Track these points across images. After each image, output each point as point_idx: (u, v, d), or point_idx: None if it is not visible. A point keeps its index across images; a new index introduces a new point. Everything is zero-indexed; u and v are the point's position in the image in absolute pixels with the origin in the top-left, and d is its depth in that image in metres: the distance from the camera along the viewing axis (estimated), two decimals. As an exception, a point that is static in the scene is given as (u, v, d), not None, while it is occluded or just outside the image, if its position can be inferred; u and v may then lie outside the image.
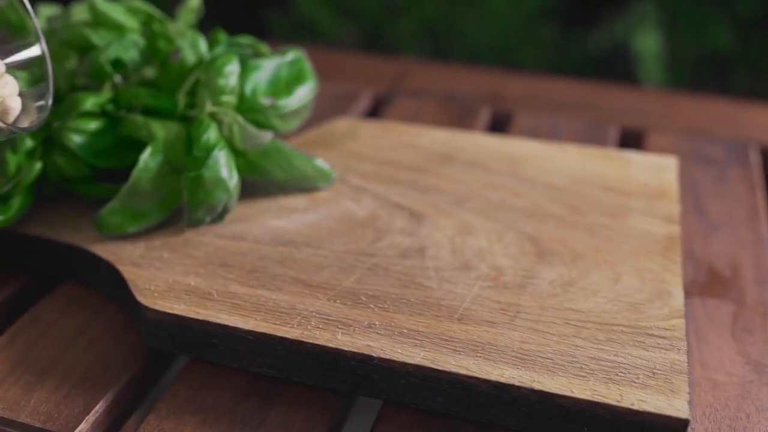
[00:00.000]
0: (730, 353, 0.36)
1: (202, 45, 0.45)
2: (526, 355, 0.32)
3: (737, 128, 0.58)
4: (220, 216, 0.40)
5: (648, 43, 1.10)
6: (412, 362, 0.31)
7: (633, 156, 0.47)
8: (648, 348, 0.32)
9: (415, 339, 0.33)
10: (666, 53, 1.10)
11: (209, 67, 0.41)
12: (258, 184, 0.43)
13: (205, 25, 0.49)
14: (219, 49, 0.45)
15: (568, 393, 0.30)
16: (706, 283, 0.41)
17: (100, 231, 0.39)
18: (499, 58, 1.11)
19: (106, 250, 0.38)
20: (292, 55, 0.46)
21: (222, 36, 0.47)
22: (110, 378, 0.35)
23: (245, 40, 0.47)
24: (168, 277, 0.36)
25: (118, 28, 0.44)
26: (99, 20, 0.44)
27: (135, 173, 0.39)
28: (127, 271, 0.37)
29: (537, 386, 0.30)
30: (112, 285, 0.38)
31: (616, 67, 1.13)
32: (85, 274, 0.40)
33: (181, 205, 0.40)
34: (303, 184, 0.43)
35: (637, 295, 0.35)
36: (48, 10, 0.48)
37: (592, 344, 0.32)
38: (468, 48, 1.12)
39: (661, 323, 0.34)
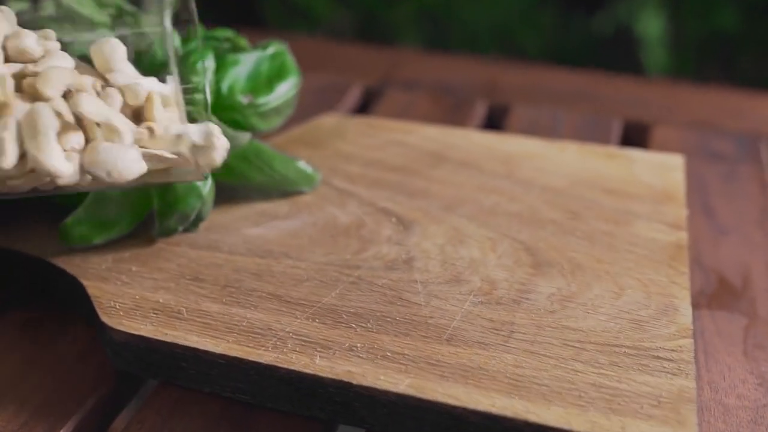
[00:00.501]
0: (741, 373, 0.33)
1: (175, 39, 0.42)
2: (519, 381, 0.29)
3: (747, 120, 0.55)
4: (193, 224, 0.38)
5: (651, 26, 1.07)
6: (395, 391, 0.29)
7: (637, 154, 0.44)
8: (653, 373, 0.30)
9: (400, 363, 0.30)
10: (670, 36, 1.07)
11: (181, 63, 0.38)
12: (236, 188, 0.40)
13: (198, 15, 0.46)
14: (193, 44, 0.42)
15: (565, 425, 0.27)
16: (715, 293, 0.38)
17: (65, 243, 0.36)
18: (499, 44, 1.08)
19: (69, 263, 0.36)
20: (273, 48, 0.43)
21: (200, 30, 0.44)
22: (73, 404, 0.32)
23: (223, 33, 0.44)
24: (135, 292, 0.34)
25: (85, 24, 0.41)
26: (65, 15, 0.41)
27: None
28: (92, 287, 0.34)
29: (532, 418, 0.28)
30: (76, 300, 0.35)
31: (618, 51, 1.09)
32: (48, 287, 0.37)
33: (153, 213, 0.38)
34: (284, 188, 0.40)
35: (641, 311, 0.33)
36: (17, 5, 0.46)
37: (593, 368, 0.30)
38: (467, 34, 1.08)
39: (667, 344, 0.31)
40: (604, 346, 0.31)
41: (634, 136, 0.54)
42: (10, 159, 0.29)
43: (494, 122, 0.56)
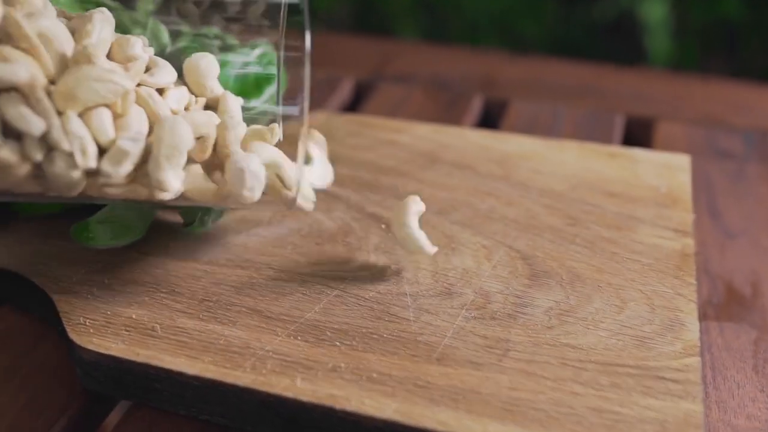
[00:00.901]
0: (751, 390, 0.31)
1: (164, 36, 0.39)
2: (515, 405, 0.27)
3: (756, 116, 0.53)
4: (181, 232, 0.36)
5: (655, 11, 1.04)
6: (381, 416, 0.27)
7: (640, 154, 0.42)
8: (657, 395, 0.28)
9: (387, 386, 0.28)
10: (673, 23, 1.04)
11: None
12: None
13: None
14: (182, 41, 0.40)
15: (563, 456, 0.26)
16: (723, 303, 0.36)
17: (83, 243, 0.34)
18: (499, 32, 1.05)
19: (38, 274, 0.34)
20: (261, 48, 0.41)
21: (186, 27, 0.42)
22: (42, 427, 0.30)
23: (212, 31, 0.41)
24: (107, 307, 0.32)
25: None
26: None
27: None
28: (62, 301, 0.32)
29: (527, 447, 0.26)
30: (46, 313, 0.34)
31: (621, 38, 1.07)
32: (17, 299, 0.35)
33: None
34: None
35: (645, 326, 0.31)
36: None
37: (593, 390, 0.28)
38: (467, 23, 1.06)
39: (672, 363, 0.29)
40: (605, 366, 0.29)
41: (638, 133, 0.52)
42: (126, 169, 0.28)
43: (491, 118, 0.54)
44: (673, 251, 0.35)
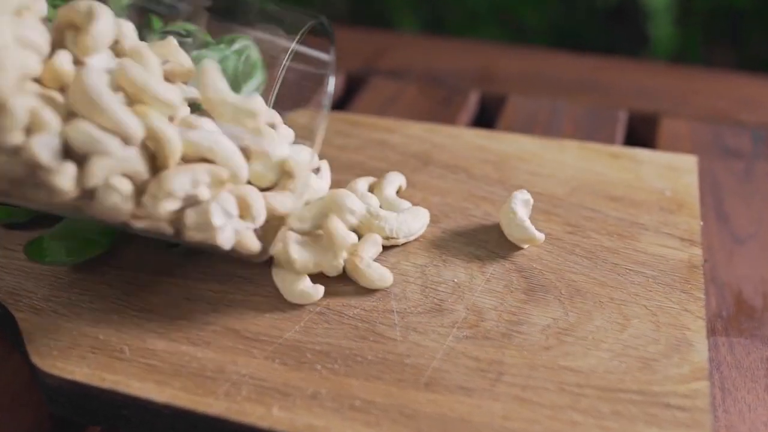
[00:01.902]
0: (764, 413, 0.29)
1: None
2: (508, 436, 0.25)
3: (765, 112, 0.50)
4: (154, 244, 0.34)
5: (658, -5, 1.01)
6: (363, 450, 0.25)
7: (644, 154, 0.40)
8: (663, 424, 0.25)
9: (370, 414, 0.26)
10: (676, 8, 1.01)
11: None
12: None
13: None
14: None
15: (560, 495, 0.23)
16: (733, 316, 0.34)
17: (38, 260, 0.32)
18: (499, 21, 1.03)
19: (1, 289, 0.31)
20: (239, 43, 0.39)
21: (157, 22, 0.39)
22: (2, 455, 0.28)
23: (184, 27, 0.39)
24: (73, 327, 0.30)
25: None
26: None
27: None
28: (24, 320, 0.30)
29: (521, 485, 0.24)
30: (9, 330, 0.31)
31: (623, 24, 1.04)
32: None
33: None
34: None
35: (650, 347, 0.28)
36: None
37: (593, 419, 0.26)
38: (466, 12, 1.03)
39: (679, 387, 0.27)
40: (606, 391, 0.27)
41: (641, 129, 0.49)
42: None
43: (488, 114, 0.52)
44: (680, 262, 0.32)
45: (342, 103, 0.53)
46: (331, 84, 0.32)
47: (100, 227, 0.33)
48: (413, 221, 0.33)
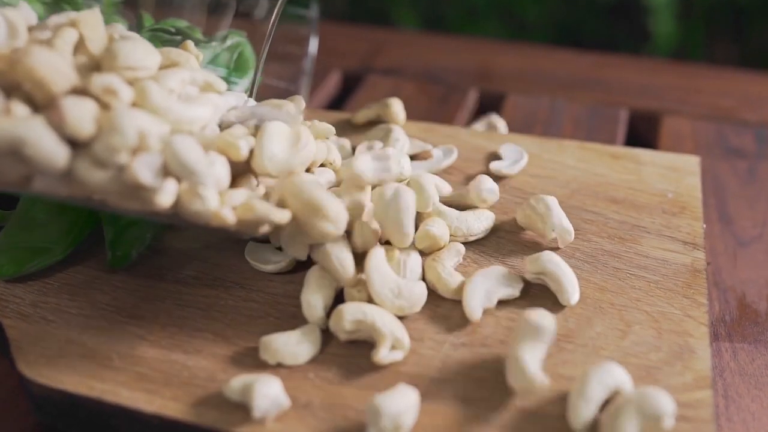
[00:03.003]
0: (768, 422, 0.29)
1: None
2: (506, 448, 0.24)
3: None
4: (147, 247, 0.33)
5: (660, -9, 1.00)
6: (356, 463, 0.24)
7: (646, 155, 0.39)
8: (665, 436, 0.25)
9: (362, 425, 0.25)
10: (678, 2, 1.00)
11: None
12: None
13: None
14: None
15: None
16: (736, 321, 0.33)
17: None
18: (499, 17, 1.02)
19: (-12, 297, 0.31)
20: (231, 39, 0.38)
21: (149, 19, 0.39)
22: (-11, 465, 0.28)
23: (174, 24, 0.38)
24: (61, 333, 0.29)
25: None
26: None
27: (23, 200, 0.31)
28: (12, 327, 0.29)
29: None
30: (-2, 339, 0.31)
31: (625, 19, 1.03)
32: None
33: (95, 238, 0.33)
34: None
35: (651, 354, 0.28)
36: None
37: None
38: (466, 7, 1.02)
39: (681, 397, 0.26)
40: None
41: (642, 128, 0.48)
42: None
43: (487, 113, 0.51)
44: (682, 266, 0.32)
45: (339, 101, 0.52)
46: (314, 44, 0.31)
47: (55, 234, 0.32)
48: (475, 221, 0.33)
